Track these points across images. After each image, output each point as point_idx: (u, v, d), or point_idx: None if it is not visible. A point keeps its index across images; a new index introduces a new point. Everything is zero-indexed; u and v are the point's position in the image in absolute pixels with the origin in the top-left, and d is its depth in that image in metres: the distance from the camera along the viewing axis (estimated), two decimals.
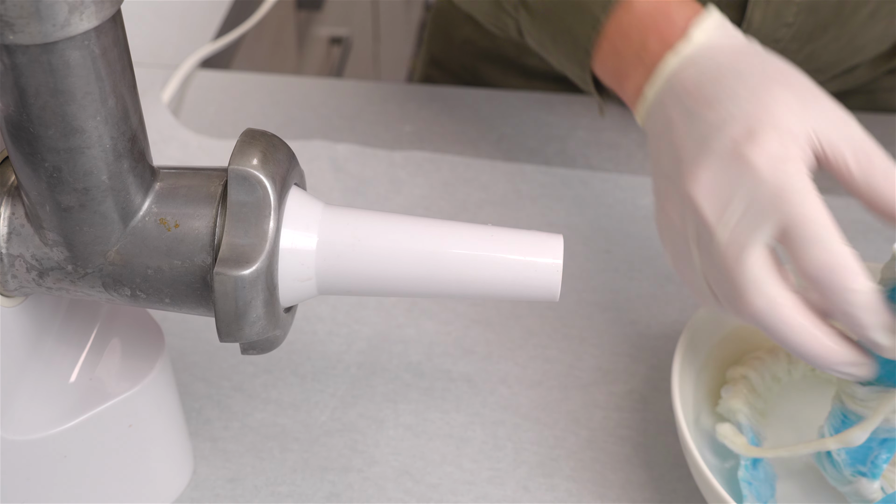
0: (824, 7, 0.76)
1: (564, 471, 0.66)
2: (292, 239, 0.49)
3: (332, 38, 1.73)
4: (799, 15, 0.76)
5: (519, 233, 0.51)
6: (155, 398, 0.59)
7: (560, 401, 0.69)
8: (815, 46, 0.79)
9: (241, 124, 0.89)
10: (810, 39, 0.79)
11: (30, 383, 0.55)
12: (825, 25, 0.77)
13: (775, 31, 0.77)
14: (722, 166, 0.55)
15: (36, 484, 0.56)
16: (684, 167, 0.57)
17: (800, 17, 0.76)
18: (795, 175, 0.54)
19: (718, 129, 0.56)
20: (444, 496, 0.64)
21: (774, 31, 0.77)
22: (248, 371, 0.71)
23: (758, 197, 0.54)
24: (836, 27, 0.78)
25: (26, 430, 0.55)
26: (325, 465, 0.66)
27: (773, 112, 0.56)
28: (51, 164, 0.46)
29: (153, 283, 0.49)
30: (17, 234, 0.49)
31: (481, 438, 0.67)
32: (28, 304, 0.53)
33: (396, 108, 0.91)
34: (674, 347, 0.65)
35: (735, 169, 0.55)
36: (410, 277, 0.50)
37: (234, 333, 0.48)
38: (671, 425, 0.67)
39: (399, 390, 0.70)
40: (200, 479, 0.65)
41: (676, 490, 0.64)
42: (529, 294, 0.51)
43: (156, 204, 0.49)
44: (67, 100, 0.44)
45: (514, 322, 0.74)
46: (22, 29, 0.41)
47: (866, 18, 0.77)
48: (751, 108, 0.56)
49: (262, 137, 0.49)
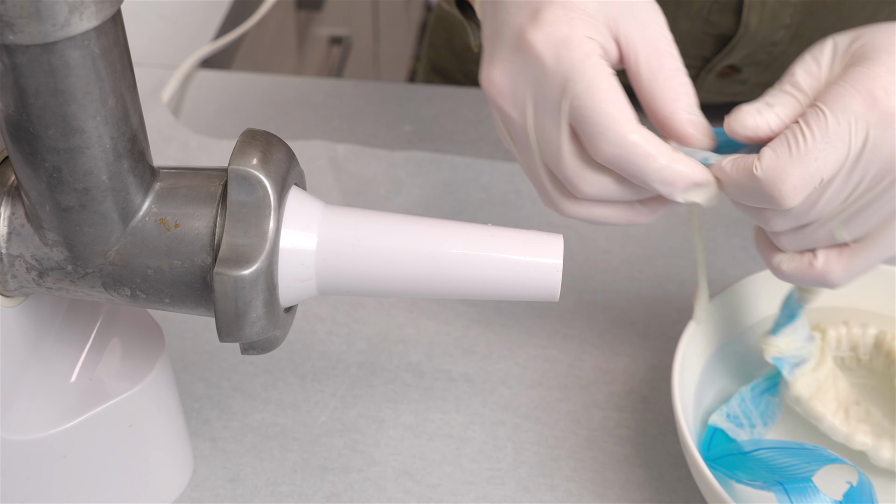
0: (822, 9, 0.76)
1: (564, 471, 0.66)
2: (292, 239, 0.49)
3: (332, 38, 1.73)
4: (796, 16, 0.76)
5: (519, 233, 0.51)
6: (155, 398, 0.59)
7: (560, 401, 0.69)
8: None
9: (241, 124, 0.89)
10: (809, 42, 0.78)
11: (30, 383, 0.55)
12: (824, 28, 0.77)
13: (773, 34, 0.77)
14: (511, 59, 0.51)
15: (36, 484, 0.56)
16: (483, 64, 0.53)
17: (797, 18, 0.76)
18: (579, 60, 0.49)
19: (510, 15, 0.51)
20: (444, 496, 0.64)
21: (772, 33, 0.77)
22: (248, 371, 0.71)
23: (544, 90, 0.50)
24: (835, 30, 0.77)
25: (26, 430, 0.55)
26: (325, 465, 0.66)
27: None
28: (51, 164, 0.46)
29: (153, 283, 0.49)
30: (17, 234, 0.49)
31: (481, 438, 0.67)
32: (28, 304, 0.53)
33: (396, 108, 0.91)
34: (674, 347, 0.65)
35: (521, 59, 0.50)
36: (410, 277, 0.50)
37: (234, 333, 0.48)
38: (671, 425, 0.67)
39: (399, 390, 0.70)
40: (200, 479, 0.65)
41: (676, 490, 0.64)
42: (529, 294, 0.51)
43: (156, 204, 0.49)
44: (67, 100, 0.44)
45: (514, 322, 0.74)
46: (22, 29, 0.41)
47: (866, 20, 0.77)
48: None
49: (262, 137, 0.49)
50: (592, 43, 0.50)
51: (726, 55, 0.79)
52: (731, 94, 0.85)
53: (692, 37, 0.78)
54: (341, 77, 1.71)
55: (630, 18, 0.51)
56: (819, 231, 0.52)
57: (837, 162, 0.49)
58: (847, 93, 0.49)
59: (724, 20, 0.77)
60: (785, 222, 0.52)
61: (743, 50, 0.78)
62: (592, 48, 0.50)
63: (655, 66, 0.51)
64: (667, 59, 0.52)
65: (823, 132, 0.49)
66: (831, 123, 0.49)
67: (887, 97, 0.48)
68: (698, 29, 0.78)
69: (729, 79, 0.83)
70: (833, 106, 0.49)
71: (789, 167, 0.49)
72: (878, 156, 0.49)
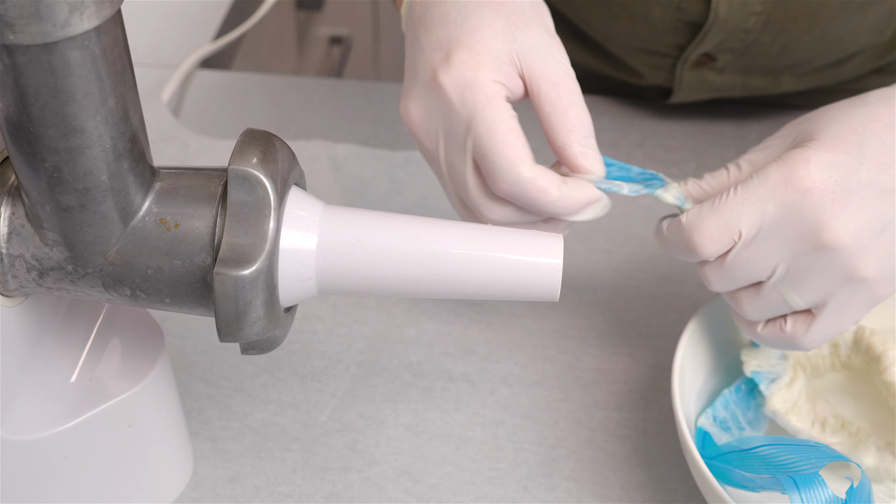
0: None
1: (564, 471, 0.66)
2: (292, 239, 0.49)
3: (332, 38, 1.73)
4: (766, 4, 0.76)
5: (519, 233, 0.51)
6: (155, 398, 0.59)
7: (560, 401, 0.69)
8: (788, 39, 0.79)
9: (241, 124, 0.89)
10: (782, 31, 0.78)
11: (30, 383, 0.55)
12: (795, 16, 0.77)
13: (744, 21, 0.77)
14: (425, 97, 0.56)
15: (36, 484, 0.56)
16: (403, 97, 0.57)
17: (767, 6, 0.76)
18: (482, 102, 0.54)
19: (425, 55, 0.56)
20: (444, 496, 0.64)
21: (743, 20, 0.77)
22: (248, 371, 0.71)
23: (452, 128, 0.55)
24: (806, 19, 0.78)
25: (26, 430, 0.55)
26: (325, 465, 0.66)
27: (475, 35, 0.55)
28: (51, 164, 0.46)
29: (153, 283, 0.49)
30: (17, 234, 0.49)
31: (481, 438, 0.67)
32: (28, 304, 0.53)
33: (396, 108, 0.91)
34: (674, 347, 0.65)
35: (433, 97, 0.55)
36: (410, 277, 0.50)
37: (234, 333, 0.48)
38: (671, 425, 0.67)
39: (399, 390, 0.70)
40: (200, 479, 0.65)
41: (676, 490, 0.64)
42: (529, 294, 0.51)
43: (156, 204, 0.49)
44: (67, 100, 0.44)
45: (514, 322, 0.74)
46: (22, 29, 0.41)
47: (837, 10, 0.77)
48: (456, 31, 0.55)
49: (262, 137, 0.49)
50: (496, 86, 0.54)
51: (699, 43, 0.80)
52: (710, 89, 0.85)
53: (665, 24, 0.80)
54: (341, 77, 1.71)
55: (533, 55, 0.55)
56: (773, 295, 0.56)
57: (754, 218, 0.54)
58: (773, 164, 0.54)
59: (695, 7, 0.77)
60: (721, 278, 0.56)
61: (715, 37, 0.79)
62: (495, 91, 0.54)
63: (554, 98, 0.56)
64: (565, 91, 0.56)
65: (743, 190, 0.54)
66: (751, 184, 0.54)
67: (806, 170, 0.53)
68: (671, 16, 0.79)
69: (706, 68, 0.83)
70: (759, 172, 0.54)
71: (708, 216, 0.55)
72: (796, 222, 0.53)
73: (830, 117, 0.55)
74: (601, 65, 0.88)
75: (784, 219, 0.53)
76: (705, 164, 0.85)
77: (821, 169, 0.53)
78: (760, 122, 0.88)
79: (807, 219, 0.53)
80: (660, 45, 0.82)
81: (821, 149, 0.54)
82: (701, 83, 0.85)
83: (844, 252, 0.53)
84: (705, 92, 0.86)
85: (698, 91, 0.86)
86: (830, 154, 0.53)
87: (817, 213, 0.53)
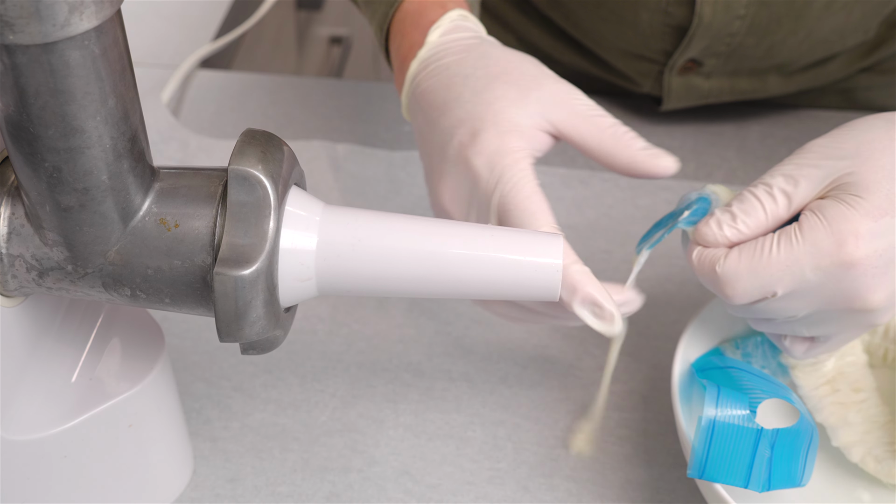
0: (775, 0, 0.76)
1: (564, 471, 0.66)
2: (292, 239, 0.49)
3: (332, 38, 1.73)
4: (750, 7, 0.76)
5: (519, 233, 0.51)
6: (155, 398, 0.59)
7: (560, 401, 0.69)
8: (774, 40, 0.79)
9: (241, 124, 0.89)
10: (766, 33, 0.79)
11: (30, 383, 0.55)
12: (779, 18, 0.77)
13: (728, 25, 0.77)
14: (455, 173, 0.58)
15: (36, 484, 0.56)
16: (432, 179, 0.60)
17: (751, 9, 0.76)
18: (508, 164, 0.56)
19: (450, 136, 0.59)
20: (444, 496, 0.64)
21: (727, 24, 0.77)
22: (248, 371, 0.71)
23: (480, 197, 0.57)
24: (790, 20, 0.78)
25: (26, 430, 0.55)
26: (325, 465, 0.66)
27: (494, 107, 0.58)
28: (51, 164, 0.46)
29: (153, 283, 0.49)
30: (17, 234, 0.49)
31: (481, 438, 0.67)
32: (28, 304, 0.53)
33: (396, 108, 0.91)
34: (674, 347, 0.65)
35: (464, 174, 0.58)
36: (410, 277, 0.50)
37: (234, 333, 0.48)
38: (671, 425, 0.67)
39: (399, 390, 0.70)
40: (200, 479, 0.65)
41: (676, 490, 0.64)
42: (529, 294, 0.51)
43: (156, 204, 0.49)
44: (67, 100, 0.44)
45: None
46: (22, 29, 0.41)
47: (821, 11, 0.77)
48: (475, 109, 0.58)
49: (262, 137, 0.49)
50: (521, 151, 0.57)
51: (686, 48, 0.80)
52: (699, 95, 0.85)
53: (653, 29, 0.80)
54: (341, 77, 1.71)
55: (554, 107, 0.58)
56: (784, 326, 0.57)
57: (792, 284, 0.53)
58: (821, 229, 0.53)
59: (681, 11, 0.78)
60: (740, 311, 0.57)
61: (701, 41, 0.79)
62: (522, 156, 0.57)
63: (594, 129, 0.58)
64: (600, 119, 0.59)
65: (787, 256, 0.53)
66: (796, 249, 0.53)
67: (856, 245, 0.52)
68: (658, 20, 0.79)
69: (693, 73, 0.83)
70: (806, 236, 0.53)
71: (746, 275, 0.54)
72: (834, 290, 0.53)
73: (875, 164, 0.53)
74: (597, 70, 0.88)
75: (822, 286, 0.53)
76: (705, 164, 0.85)
77: (868, 241, 0.52)
78: (760, 121, 0.88)
79: (845, 289, 0.53)
80: (647, 51, 0.83)
81: (868, 216, 0.52)
82: (689, 90, 0.85)
83: (872, 314, 0.54)
84: (694, 99, 0.86)
85: (687, 98, 0.86)
86: (876, 222, 0.52)
87: (857, 286, 0.53)
